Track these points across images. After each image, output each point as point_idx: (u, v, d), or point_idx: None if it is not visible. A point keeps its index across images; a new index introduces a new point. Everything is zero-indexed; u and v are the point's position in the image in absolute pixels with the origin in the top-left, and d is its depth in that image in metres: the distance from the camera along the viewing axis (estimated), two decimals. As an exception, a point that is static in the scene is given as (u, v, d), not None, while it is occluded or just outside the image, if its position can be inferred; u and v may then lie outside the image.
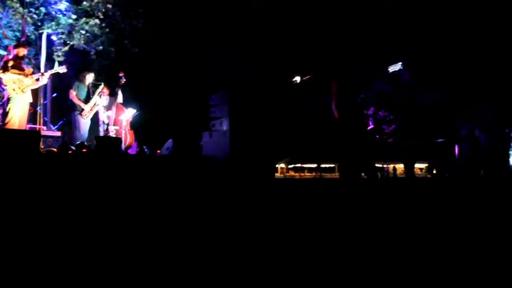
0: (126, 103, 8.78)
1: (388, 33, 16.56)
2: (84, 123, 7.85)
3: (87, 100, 7.83)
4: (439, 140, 9.77)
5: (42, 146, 7.09)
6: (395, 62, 13.83)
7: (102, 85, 8.12)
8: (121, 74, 8.36)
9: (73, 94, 7.77)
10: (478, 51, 15.54)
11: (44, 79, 7.34)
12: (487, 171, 6.87)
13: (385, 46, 17.16)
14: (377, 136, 18.93)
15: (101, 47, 10.29)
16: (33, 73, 7.09)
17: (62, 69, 7.61)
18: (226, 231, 3.16)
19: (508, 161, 8.44)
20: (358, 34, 16.29)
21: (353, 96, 6.33)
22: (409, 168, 11.93)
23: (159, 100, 13.59)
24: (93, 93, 7.98)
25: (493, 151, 6.95)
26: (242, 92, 7.87)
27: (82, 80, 7.96)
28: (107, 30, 10.17)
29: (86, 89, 7.91)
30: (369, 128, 17.88)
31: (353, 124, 6.23)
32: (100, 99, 8.12)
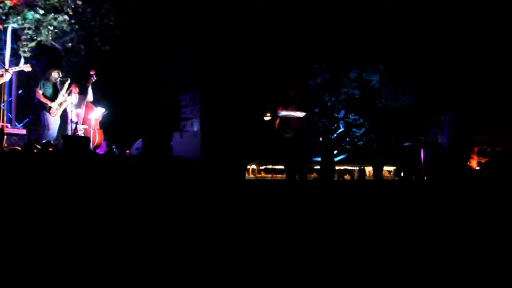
0: (95, 101, 8.63)
1: (360, 37, 16.91)
2: (54, 122, 7.71)
3: (54, 98, 7.69)
4: (406, 144, 10.07)
5: (6, 144, 6.88)
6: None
7: (69, 81, 7.98)
8: (92, 72, 8.23)
9: (39, 93, 7.63)
10: (447, 57, 16.11)
11: (8, 76, 7.15)
12: (448, 173, 7.14)
13: (357, 50, 17.51)
14: (347, 139, 19.30)
15: (70, 44, 10.06)
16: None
17: (27, 67, 7.44)
18: (195, 232, 3.18)
19: (468, 162, 8.81)
20: (329, 36, 16.56)
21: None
22: (377, 171, 12.25)
23: (129, 99, 13.39)
24: (60, 89, 7.82)
25: (456, 154, 7.22)
26: (214, 92, 7.89)
27: (48, 78, 7.82)
28: (77, 26, 9.94)
29: (52, 87, 7.77)
30: (339, 131, 18.22)
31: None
32: (69, 97, 7.98)
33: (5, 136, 6.87)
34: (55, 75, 7.87)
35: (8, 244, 2.54)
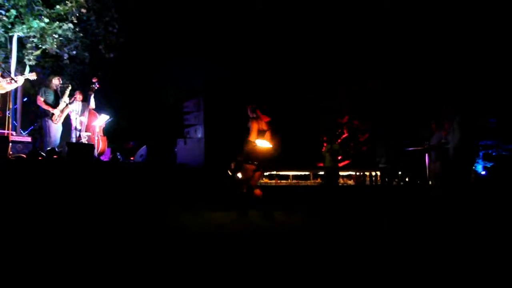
0: (100, 109, 8.66)
1: (359, 42, 16.89)
2: (56, 129, 7.72)
3: (56, 104, 7.73)
4: (410, 148, 10.01)
5: (11, 152, 6.90)
6: None
7: (70, 87, 8.03)
8: (94, 80, 8.27)
9: (40, 100, 7.66)
10: (449, 62, 16.07)
11: (14, 84, 7.19)
12: (453, 177, 7.09)
13: (357, 55, 17.46)
14: (351, 144, 19.16)
15: (74, 52, 10.09)
16: (2, 76, 6.95)
17: (32, 76, 7.48)
18: (201, 238, 3.17)
19: (474, 167, 8.71)
20: (328, 39, 16.54)
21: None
22: (385, 176, 12.12)
23: (133, 106, 13.43)
24: (61, 96, 7.86)
25: (460, 159, 7.16)
26: (217, 98, 7.89)
27: (48, 85, 7.87)
28: (81, 34, 10.00)
29: (53, 93, 7.81)
30: (343, 136, 18.12)
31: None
32: (73, 104, 8.01)
33: (10, 144, 6.90)
34: (56, 81, 7.92)
35: (13, 249, 2.54)
